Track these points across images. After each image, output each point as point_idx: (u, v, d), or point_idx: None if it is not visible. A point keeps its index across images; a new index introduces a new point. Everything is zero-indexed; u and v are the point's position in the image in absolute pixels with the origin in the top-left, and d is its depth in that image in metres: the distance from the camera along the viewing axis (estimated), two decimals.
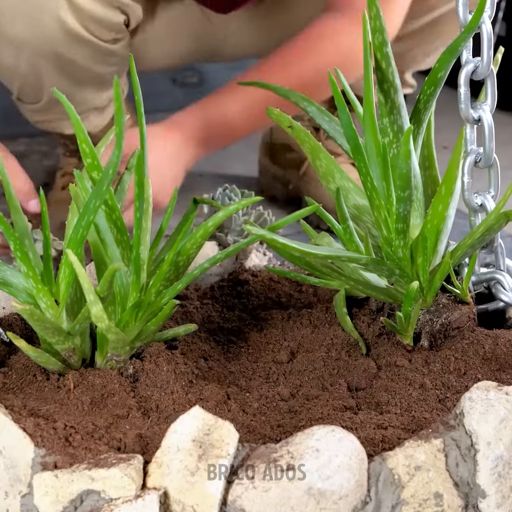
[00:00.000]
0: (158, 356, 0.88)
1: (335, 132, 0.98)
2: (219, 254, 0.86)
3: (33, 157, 2.71)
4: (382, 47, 0.88)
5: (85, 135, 0.84)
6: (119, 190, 0.91)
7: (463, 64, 0.93)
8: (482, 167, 0.97)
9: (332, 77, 0.91)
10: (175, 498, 0.72)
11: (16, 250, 0.81)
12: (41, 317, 0.81)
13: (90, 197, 0.79)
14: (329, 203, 1.00)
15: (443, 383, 0.88)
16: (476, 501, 0.76)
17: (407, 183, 0.85)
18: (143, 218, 0.86)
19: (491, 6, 0.92)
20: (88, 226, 0.80)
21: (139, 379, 0.86)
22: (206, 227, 0.85)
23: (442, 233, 0.93)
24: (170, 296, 0.84)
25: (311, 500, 0.71)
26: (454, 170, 0.91)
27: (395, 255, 0.91)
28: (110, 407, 0.83)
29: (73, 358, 0.86)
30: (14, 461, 0.75)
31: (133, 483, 0.72)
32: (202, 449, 0.72)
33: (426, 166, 1.01)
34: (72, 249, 0.80)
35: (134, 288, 0.84)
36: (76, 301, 0.87)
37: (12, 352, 0.92)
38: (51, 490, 0.73)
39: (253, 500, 0.71)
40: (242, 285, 1.12)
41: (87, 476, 0.72)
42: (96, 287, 0.78)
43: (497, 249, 1.00)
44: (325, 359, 0.94)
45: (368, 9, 0.86)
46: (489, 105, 0.95)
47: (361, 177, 0.89)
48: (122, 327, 0.83)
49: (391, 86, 0.90)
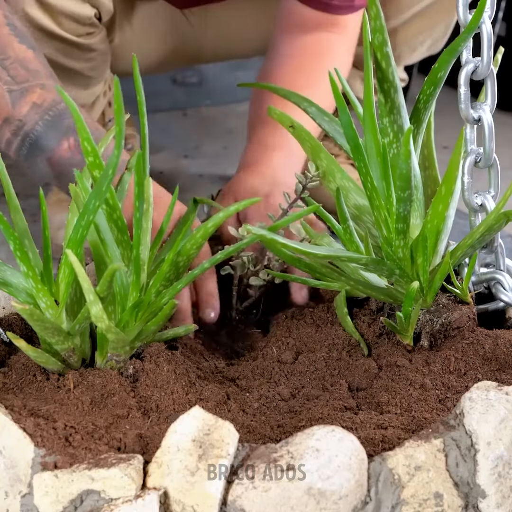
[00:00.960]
0: (158, 356, 0.88)
1: (335, 132, 0.98)
2: (219, 254, 0.86)
3: None
4: (382, 46, 0.88)
5: (87, 134, 0.84)
6: (119, 190, 0.91)
7: (463, 64, 0.93)
8: (482, 167, 0.97)
9: (332, 77, 0.91)
10: (175, 498, 0.72)
11: (16, 250, 0.81)
12: (40, 317, 0.81)
13: (90, 197, 0.79)
14: (329, 203, 1.00)
15: (443, 383, 0.88)
16: (476, 501, 0.76)
17: (407, 183, 0.85)
18: (143, 218, 0.86)
19: (491, 6, 0.92)
20: (87, 226, 0.80)
21: (139, 379, 0.86)
22: (206, 227, 0.85)
23: (442, 233, 0.93)
24: (170, 296, 0.84)
25: (311, 500, 0.71)
26: (454, 170, 0.91)
27: (395, 255, 0.91)
28: (110, 407, 0.83)
29: (73, 358, 0.86)
30: (14, 461, 0.75)
31: (133, 483, 0.72)
32: (202, 449, 0.72)
33: (426, 166, 1.01)
34: (72, 249, 0.80)
35: (134, 288, 0.84)
36: (76, 301, 0.87)
37: (12, 352, 0.92)
38: (51, 490, 0.73)
39: (253, 500, 0.71)
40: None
41: (87, 476, 0.72)
42: (95, 287, 0.78)
43: (497, 249, 1.00)
44: (326, 359, 0.94)
45: (368, 9, 0.87)
46: (489, 105, 0.95)
47: (361, 177, 0.89)
48: (122, 327, 0.83)
49: (391, 86, 0.90)
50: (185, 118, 3.08)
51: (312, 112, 1.00)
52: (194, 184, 1.85)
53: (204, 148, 2.66)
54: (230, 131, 2.93)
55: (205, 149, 2.63)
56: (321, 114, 1.00)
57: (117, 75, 0.85)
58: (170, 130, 2.95)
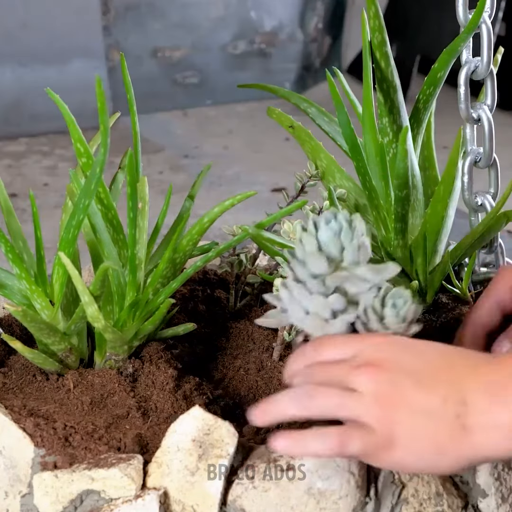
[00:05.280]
0: (157, 355, 0.88)
1: (335, 133, 0.98)
2: (210, 253, 0.86)
3: (33, 157, 2.71)
4: (382, 46, 0.88)
5: (79, 135, 0.84)
6: (114, 189, 0.91)
7: (463, 64, 0.93)
8: (482, 167, 0.97)
9: (330, 77, 0.91)
10: (175, 498, 0.72)
11: (7, 252, 0.81)
12: (34, 318, 0.81)
13: (80, 197, 0.79)
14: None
15: None
16: (476, 501, 0.76)
17: (404, 182, 0.85)
18: (139, 217, 0.86)
19: (491, 6, 0.92)
20: (79, 225, 0.80)
21: (138, 379, 0.86)
22: (202, 223, 0.86)
23: (442, 233, 0.93)
24: (166, 295, 0.84)
25: (311, 500, 0.71)
26: (452, 170, 0.91)
27: (394, 254, 0.91)
28: (110, 407, 0.83)
29: (70, 358, 0.86)
30: (14, 461, 0.75)
31: (133, 483, 0.72)
32: (202, 449, 0.72)
33: (426, 167, 1.01)
34: (64, 249, 0.80)
35: (131, 287, 0.84)
36: (72, 301, 0.87)
37: (11, 352, 0.92)
38: (51, 490, 0.73)
39: (253, 500, 0.71)
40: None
41: (87, 476, 0.72)
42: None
43: (497, 249, 1.00)
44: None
45: (367, 8, 0.87)
46: (489, 105, 0.95)
47: (359, 177, 0.89)
48: (120, 327, 0.83)
49: (390, 86, 0.90)
50: (185, 118, 3.08)
51: (312, 112, 1.00)
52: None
53: (204, 148, 2.67)
54: (230, 131, 2.93)
55: (205, 149, 2.63)
56: (321, 114, 1.00)
57: None
58: (170, 130, 2.95)
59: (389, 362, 0.68)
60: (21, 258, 0.84)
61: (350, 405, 0.67)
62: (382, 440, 0.66)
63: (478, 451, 0.65)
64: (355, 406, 0.67)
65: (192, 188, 0.95)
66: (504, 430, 0.65)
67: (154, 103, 3.15)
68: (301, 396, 0.68)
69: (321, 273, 0.69)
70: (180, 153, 2.71)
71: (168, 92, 3.29)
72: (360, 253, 0.69)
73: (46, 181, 2.52)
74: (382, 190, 0.90)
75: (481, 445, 0.65)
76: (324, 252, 0.69)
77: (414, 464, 0.67)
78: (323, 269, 0.68)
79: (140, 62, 3.15)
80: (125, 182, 0.86)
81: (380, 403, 0.66)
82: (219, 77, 3.36)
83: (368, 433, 0.66)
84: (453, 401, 0.65)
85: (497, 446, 0.65)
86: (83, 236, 0.86)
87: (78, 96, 2.02)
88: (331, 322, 0.70)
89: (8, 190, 0.90)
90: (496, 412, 0.65)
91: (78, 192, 0.84)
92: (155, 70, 3.21)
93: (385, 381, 0.67)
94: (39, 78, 2.96)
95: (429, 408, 0.66)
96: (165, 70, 3.24)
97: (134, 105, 0.88)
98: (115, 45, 3.13)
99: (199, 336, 0.95)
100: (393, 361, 0.68)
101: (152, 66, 3.20)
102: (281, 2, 3.43)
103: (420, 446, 0.66)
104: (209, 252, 0.86)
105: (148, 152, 2.67)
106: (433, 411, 0.66)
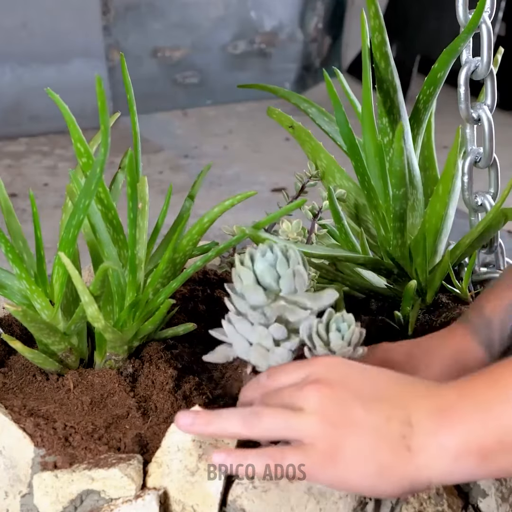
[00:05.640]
0: (157, 355, 0.88)
1: (335, 133, 0.98)
2: (210, 253, 0.86)
3: (33, 157, 2.72)
4: (382, 46, 0.88)
5: (79, 135, 0.84)
6: (114, 189, 0.91)
7: (463, 64, 0.94)
8: (482, 167, 0.97)
9: (327, 77, 0.91)
10: (175, 498, 0.72)
11: (7, 252, 0.81)
12: (34, 318, 0.81)
13: (80, 197, 0.79)
14: None
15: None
16: (476, 501, 0.76)
17: (401, 180, 0.85)
18: (139, 217, 0.86)
19: (491, 6, 0.92)
20: (79, 225, 0.80)
21: (138, 379, 0.86)
22: (202, 223, 0.86)
23: (441, 232, 0.93)
24: (166, 295, 0.84)
25: (311, 500, 0.71)
26: (451, 170, 0.91)
27: (393, 254, 0.91)
28: (109, 407, 0.83)
29: (70, 358, 0.86)
30: (14, 461, 0.75)
31: (133, 483, 0.72)
32: (202, 449, 0.72)
33: (426, 167, 1.01)
34: (64, 249, 0.80)
35: (131, 287, 0.84)
36: (72, 301, 0.87)
37: (11, 352, 0.92)
38: (51, 490, 0.73)
39: (253, 500, 0.71)
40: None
41: (87, 476, 0.72)
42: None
43: (497, 248, 1.00)
44: None
45: (367, 8, 0.87)
46: (489, 105, 0.95)
47: (358, 176, 0.89)
48: (120, 327, 0.83)
49: (390, 86, 0.90)
50: (185, 118, 3.08)
51: (312, 112, 1.00)
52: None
53: (204, 148, 2.67)
54: (230, 131, 2.93)
55: (205, 149, 2.63)
56: (321, 114, 1.00)
57: None
58: (170, 130, 2.95)
59: (336, 381, 0.67)
60: (21, 258, 0.84)
61: (294, 424, 0.66)
62: (324, 457, 0.65)
63: (422, 472, 0.64)
64: (299, 424, 0.66)
65: (192, 188, 0.95)
66: (450, 453, 0.64)
67: (154, 103, 3.15)
68: (247, 414, 0.68)
69: (259, 304, 0.71)
70: (180, 153, 2.71)
71: (168, 92, 3.29)
72: (295, 281, 0.71)
73: (46, 181, 2.53)
74: (381, 190, 0.90)
75: (426, 467, 0.64)
76: (261, 283, 0.71)
77: (357, 483, 0.66)
78: (261, 300, 0.71)
79: (140, 62, 3.15)
80: (125, 182, 0.86)
81: (324, 420, 0.66)
82: (219, 77, 3.37)
83: (310, 449, 0.65)
84: (398, 420, 0.65)
85: (442, 469, 0.64)
86: (83, 236, 0.86)
87: (78, 96, 2.02)
88: (274, 351, 0.72)
89: (8, 190, 0.90)
90: (443, 434, 0.64)
91: (78, 192, 0.84)
92: (155, 70, 3.21)
93: (330, 397, 0.66)
94: (39, 78, 2.97)
95: (372, 426, 0.65)
96: (165, 70, 3.24)
97: (134, 105, 0.88)
98: (115, 45, 3.13)
99: (199, 336, 0.95)
100: (340, 380, 0.67)
101: (152, 66, 3.20)
102: (281, 2, 3.43)
103: (363, 465, 0.65)
104: (209, 252, 0.86)
105: (148, 152, 2.68)
106: (376, 429, 0.65)
